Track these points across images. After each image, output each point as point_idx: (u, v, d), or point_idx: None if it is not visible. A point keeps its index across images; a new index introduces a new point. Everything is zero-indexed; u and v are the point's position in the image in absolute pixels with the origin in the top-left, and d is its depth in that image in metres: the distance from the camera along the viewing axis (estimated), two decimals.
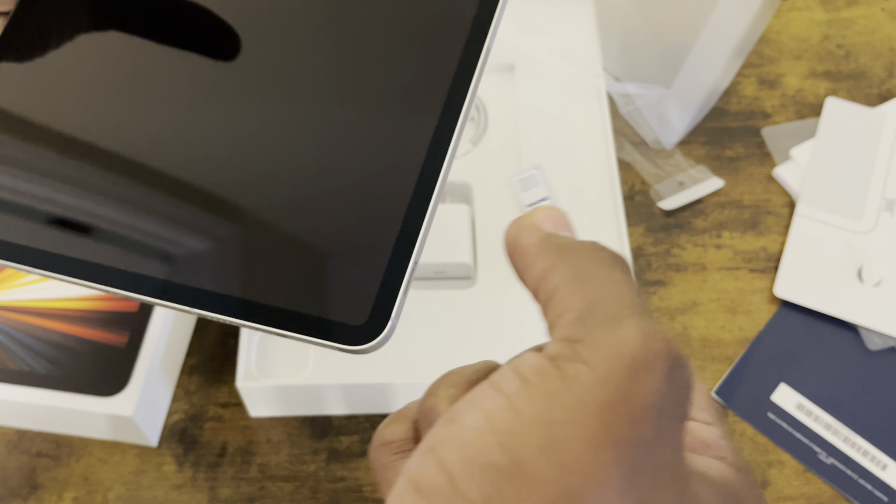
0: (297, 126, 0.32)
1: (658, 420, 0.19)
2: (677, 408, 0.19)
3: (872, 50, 0.63)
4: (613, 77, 0.58)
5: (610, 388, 0.19)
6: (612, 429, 0.18)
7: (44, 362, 0.45)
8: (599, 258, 0.23)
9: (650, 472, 0.19)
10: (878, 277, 0.52)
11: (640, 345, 0.19)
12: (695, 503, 0.20)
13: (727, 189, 0.57)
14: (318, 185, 0.31)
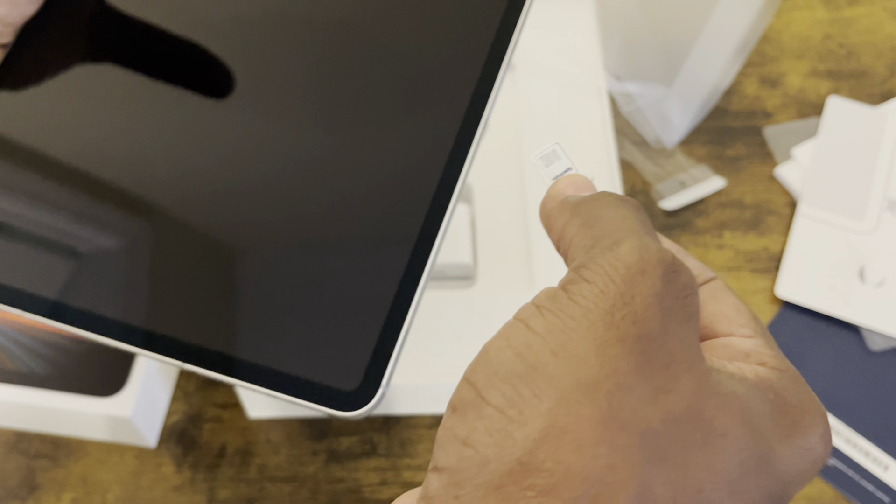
0: (296, 185, 0.32)
1: (661, 317, 0.21)
2: (679, 307, 0.21)
3: (874, 49, 0.63)
4: (614, 76, 0.58)
5: (610, 294, 0.21)
6: (616, 326, 0.20)
7: (42, 363, 0.45)
8: (607, 202, 0.25)
9: (662, 362, 0.20)
10: (880, 277, 0.52)
11: (635, 255, 0.21)
12: (717, 390, 0.21)
13: (728, 189, 0.57)
14: (314, 248, 0.31)
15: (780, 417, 0.22)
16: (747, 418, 0.21)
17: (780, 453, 0.22)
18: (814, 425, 0.23)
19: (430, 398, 0.47)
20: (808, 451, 0.23)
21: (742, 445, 0.21)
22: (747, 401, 0.21)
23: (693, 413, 0.20)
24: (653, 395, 0.20)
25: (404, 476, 0.47)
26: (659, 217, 0.55)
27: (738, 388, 0.22)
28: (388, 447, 0.48)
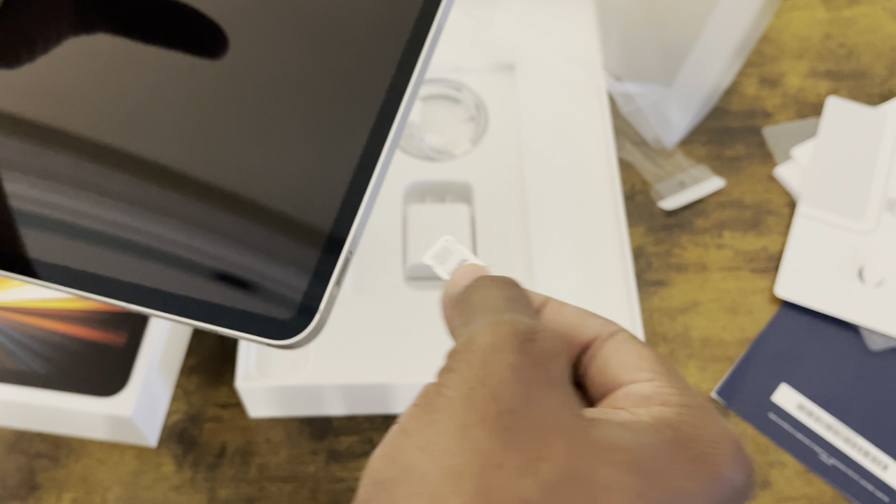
0: (237, 125, 0.32)
1: (522, 388, 0.21)
2: (541, 373, 0.22)
3: (874, 49, 0.63)
4: (614, 76, 0.58)
5: (467, 378, 0.21)
6: (476, 408, 0.21)
7: (43, 362, 0.45)
8: (478, 287, 0.26)
9: (529, 431, 0.20)
10: (880, 277, 0.52)
11: (487, 335, 0.22)
12: (598, 445, 0.21)
13: (728, 189, 0.57)
14: (252, 182, 0.31)
15: (682, 452, 0.22)
16: (638, 464, 0.21)
17: (689, 489, 0.21)
18: (721, 454, 0.22)
19: None
20: (722, 480, 0.22)
21: (635, 493, 0.20)
22: (638, 446, 0.21)
23: (571, 475, 0.20)
24: (524, 467, 0.20)
25: None
26: (659, 217, 0.56)
27: (626, 436, 0.21)
28: None
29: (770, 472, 0.47)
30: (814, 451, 0.48)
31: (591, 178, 0.52)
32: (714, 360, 0.51)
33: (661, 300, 0.53)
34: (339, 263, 0.28)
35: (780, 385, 0.50)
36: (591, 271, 0.49)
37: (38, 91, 0.33)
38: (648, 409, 0.23)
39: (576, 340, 0.26)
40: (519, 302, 0.24)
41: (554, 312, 0.26)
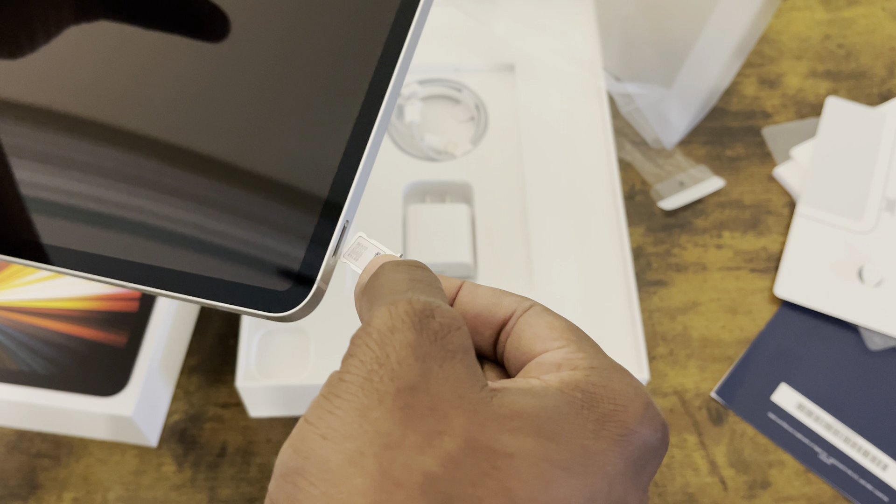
0: (234, 102, 0.32)
1: (420, 365, 0.21)
2: (439, 348, 0.22)
3: (873, 49, 0.63)
4: (614, 77, 0.58)
5: (367, 361, 0.22)
6: (375, 389, 0.21)
7: (43, 362, 0.45)
8: (383, 272, 0.26)
9: (428, 406, 0.21)
10: (879, 277, 0.52)
11: (384, 315, 0.22)
12: (498, 413, 0.21)
13: (728, 189, 0.57)
14: (248, 156, 0.31)
15: (589, 413, 0.22)
16: (541, 428, 0.21)
17: (597, 447, 0.22)
18: (631, 411, 0.23)
19: None
20: (630, 435, 0.22)
21: (538, 456, 0.21)
22: (541, 411, 0.22)
23: (473, 445, 0.20)
24: (425, 443, 0.20)
25: None
26: (658, 217, 0.56)
27: (530, 402, 0.22)
28: None
29: (770, 472, 0.47)
30: (813, 451, 0.48)
31: (591, 178, 0.52)
32: (714, 359, 0.51)
33: (661, 300, 0.53)
34: (335, 233, 0.28)
35: (780, 385, 0.50)
36: (590, 271, 0.49)
37: (40, 77, 0.33)
38: (558, 374, 0.23)
39: (492, 319, 0.26)
40: (422, 282, 0.25)
41: (469, 294, 0.26)
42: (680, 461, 0.48)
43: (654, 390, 0.50)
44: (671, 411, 0.49)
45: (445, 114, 0.56)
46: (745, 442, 0.48)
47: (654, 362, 0.50)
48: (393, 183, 0.52)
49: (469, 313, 0.26)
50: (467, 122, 0.56)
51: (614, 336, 0.47)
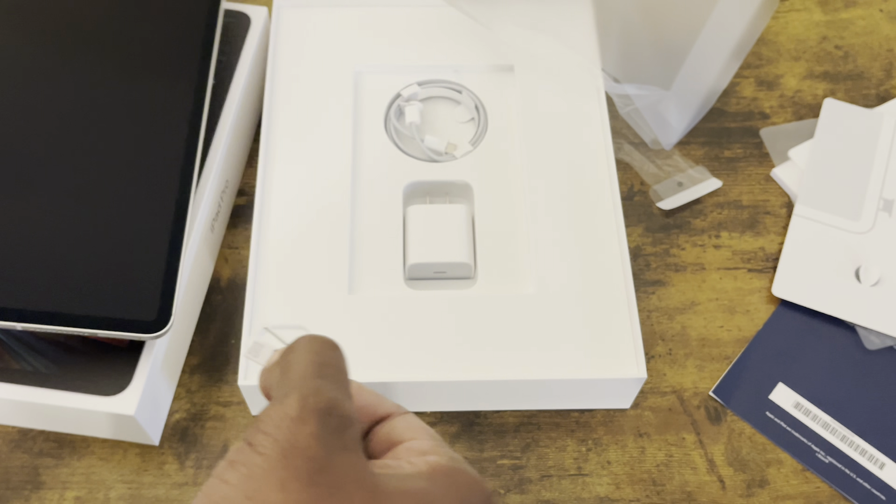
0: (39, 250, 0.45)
1: (324, 452, 0.26)
2: (338, 440, 0.26)
3: (871, 51, 0.63)
4: (612, 78, 0.58)
5: (281, 441, 0.26)
6: (291, 466, 0.25)
7: (46, 362, 0.46)
8: (297, 347, 0.30)
9: (334, 485, 0.25)
10: (876, 277, 0.53)
11: (296, 408, 0.27)
12: (391, 491, 0.26)
13: (726, 189, 0.57)
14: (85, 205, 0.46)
15: (455, 493, 0.28)
16: (425, 502, 0.27)
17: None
18: (478, 495, 0.29)
19: (430, 396, 0.47)
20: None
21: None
22: (421, 491, 0.27)
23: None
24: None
25: None
26: (657, 217, 0.56)
27: (412, 482, 0.27)
28: None
29: (767, 471, 0.48)
30: (811, 450, 0.48)
31: (590, 178, 0.52)
32: (712, 359, 0.51)
33: (659, 300, 0.53)
34: (178, 277, 0.45)
35: (778, 384, 0.50)
36: (589, 271, 0.49)
37: None
38: (425, 459, 0.29)
39: (373, 413, 0.32)
40: (329, 367, 0.29)
41: (357, 389, 0.32)
42: (678, 460, 0.48)
43: (653, 390, 0.50)
44: (669, 410, 0.49)
45: (445, 115, 0.56)
46: (742, 441, 0.49)
47: (652, 362, 0.51)
48: (393, 183, 0.52)
49: (355, 404, 0.31)
50: (467, 122, 0.56)
51: (613, 336, 0.47)
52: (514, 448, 0.48)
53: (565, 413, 0.49)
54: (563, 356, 0.46)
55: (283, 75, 0.56)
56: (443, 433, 0.48)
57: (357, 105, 0.55)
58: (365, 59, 0.57)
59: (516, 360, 0.46)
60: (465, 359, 0.46)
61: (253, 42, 0.56)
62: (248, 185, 0.57)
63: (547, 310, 0.47)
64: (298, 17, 0.58)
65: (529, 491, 0.47)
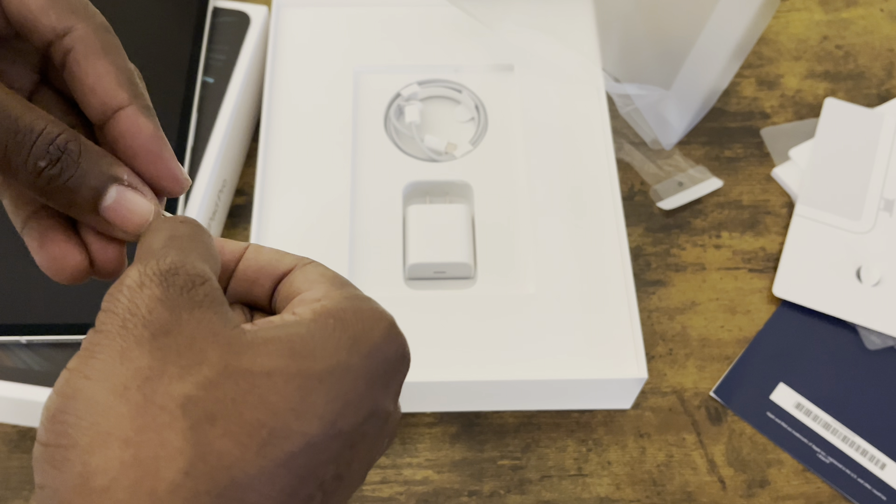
0: None
1: (169, 313, 0.24)
2: (187, 300, 0.24)
3: (871, 50, 0.63)
4: (613, 78, 0.58)
5: (119, 312, 0.24)
6: (131, 334, 0.23)
7: (42, 360, 0.45)
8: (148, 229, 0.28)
9: (183, 345, 0.23)
10: (877, 277, 0.52)
11: (134, 276, 0.24)
12: (252, 342, 0.24)
13: (726, 189, 0.57)
14: None
15: (342, 334, 0.25)
16: (295, 349, 0.24)
17: (348, 362, 0.25)
18: (377, 331, 0.26)
19: (431, 397, 0.47)
20: (377, 352, 0.26)
21: (294, 372, 0.24)
22: (295, 336, 0.24)
23: (230, 369, 0.23)
24: (184, 372, 0.23)
25: (404, 475, 0.47)
26: (657, 217, 0.56)
27: (283, 331, 0.25)
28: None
29: (768, 471, 0.48)
30: (812, 450, 0.48)
31: (590, 178, 0.52)
32: (712, 359, 0.51)
33: (660, 300, 0.53)
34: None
35: (779, 384, 0.50)
36: (589, 271, 0.49)
37: None
38: (311, 306, 0.26)
39: (273, 272, 0.29)
40: (181, 238, 0.27)
41: (254, 252, 0.29)
42: (679, 460, 0.48)
43: (653, 390, 0.50)
44: (670, 410, 0.49)
45: (445, 114, 0.56)
46: (743, 441, 0.48)
47: (652, 362, 0.51)
48: (393, 183, 0.52)
49: (252, 268, 0.29)
50: (467, 122, 0.56)
51: (613, 336, 0.47)
52: (515, 448, 0.48)
53: (565, 413, 0.49)
54: (563, 356, 0.46)
55: (282, 74, 0.55)
56: (443, 433, 0.48)
57: (357, 104, 0.55)
58: (365, 58, 0.56)
59: (516, 360, 0.46)
60: (465, 359, 0.46)
61: (252, 41, 0.56)
62: (246, 185, 0.57)
63: (547, 310, 0.47)
64: (299, 16, 0.58)
65: (530, 491, 0.47)
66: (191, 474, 0.22)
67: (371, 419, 0.25)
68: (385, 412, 0.26)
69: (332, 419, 0.24)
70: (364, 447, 0.25)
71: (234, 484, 0.22)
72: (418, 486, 0.47)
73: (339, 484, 0.25)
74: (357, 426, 0.25)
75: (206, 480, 0.22)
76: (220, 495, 0.22)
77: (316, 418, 0.23)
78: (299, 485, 0.23)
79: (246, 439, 0.22)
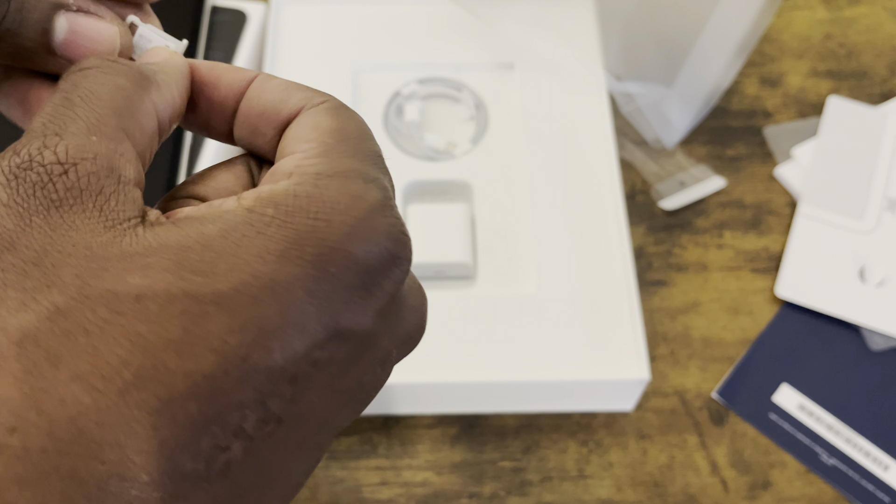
0: None
1: (16, 220, 0.19)
2: (42, 198, 0.19)
3: (874, 49, 0.63)
4: (614, 76, 0.58)
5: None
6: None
7: None
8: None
9: (30, 262, 0.18)
10: (881, 277, 0.52)
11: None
12: (129, 254, 0.19)
13: (729, 188, 0.57)
14: None
15: (276, 231, 0.19)
16: (186, 261, 0.19)
17: (270, 273, 0.19)
18: (335, 225, 0.20)
19: (430, 398, 0.46)
20: (330, 254, 0.20)
21: (176, 293, 0.18)
22: (192, 240, 0.19)
23: (87, 292, 0.18)
24: (25, 299, 0.18)
25: (404, 476, 0.47)
26: (659, 217, 0.55)
27: (183, 231, 0.19)
28: (388, 447, 0.47)
29: (771, 473, 0.47)
30: (814, 452, 0.48)
31: (592, 177, 0.52)
32: (715, 360, 0.51)
33: (662, 300, 0.52)
34: None
35: (781, 385, 0.50)
36: (591, 271, 0.48)
37: None
38: (262, 191, 0.20)
39: (277, 118, 0.23)
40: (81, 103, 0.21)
41: (257, 89, 0.23)
42: (681, 462, 0.47)
43: (655, 391, 0.49)
44: (672, 412, 0.49)
45: (445, 113, 0.56)
46: (746, 442, 0.48)
47: (654, 362, 0.50)
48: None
49: (253, 111, 0.23)
50: (467, 121, 0.55)
51: (615, 336, 0.46)
52: (515, 450, 0.48)
53: (566, 415, 0.49)
54: (564, 357, 0.46)
55: (280, 73, 0.55)
56: (443, 435, 0.48)
57: (356, 103, 0.55)
58: (364, 56, 0.56)
59: (517, 360, 0.45)
60: (465, 359, 0.46)
61: (249, 39, 0.56)
62: None
63: (548, 310, 0.47)
64: (297, 13, 0.58)
65: (530, 493, 0.46)
66: (19, 430, 0.17)
67: (331, 343, 0.20)
68: (360, 331, 0.20)
69: (239, 352, 0.18)
70: (323, 377, 0.20)
71: (83, 438, 0.17)
72: (418, 487, 0.47)
73: (276, 427, 0.19)
74: (299, 355, 0.19)
75: (38, 436, 0.17)
76: (61, 453, 0.17)
77: (209, 352, 0.18)
78: (191, 436, 0.18)
79: (101, 383, 0.17)
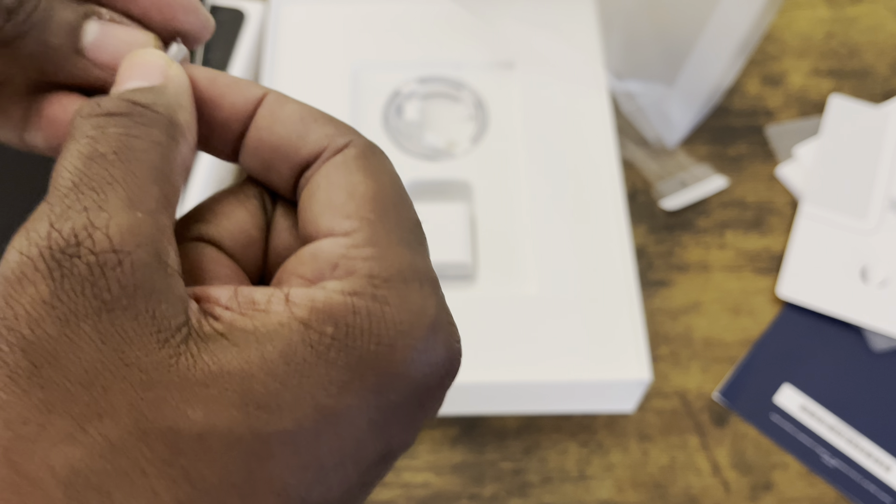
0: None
1: (62, 326, 0.16)
2: (89, 299, 0.16)
3: (877, 48, 0.63)
4: (615, 75, 0.57)
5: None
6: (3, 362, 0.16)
7: None
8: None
9: (77, 384, 0.16)
10: (883, 277, 0.52)
11: (15, 259, 0.16)
12: (187, 382, 0.16)
13: (730, 188, 0.57)
14: None
15: (340, 357, 0.17)
16: (252, 393, 0.16)
17: (337, 407, 0.17)
18: (399, 351, 0.18)
19: None
20: (394, 382, 0.17)
21: (242, 433, 0.16)
22: (256, 368, 0.16)
23: (143, 426, 0.16)
24: (75, 428, 0.15)
25: (404, 476, 0.47)
26: (660, 216, 0.55)
27: (244, 354, 0.16)
28: None
29: (772, 474, 0.47)
30: (816, 453, 0.48)
31: (593, 177, 0.52)
32: (716, 360, 0.50)
33: (663, 300, 0.52)
34: None
35: (783, 386, 0.50)
36: (592, 271, 0.48)
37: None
38: (313, 293, 0.17)
39: (295, 157, 0.20)
40: (115, 156, 0.17)
41: (269, 117, 0.20)
42: (682, 463, 0.47)
43: (656, 391, 0.49)
44: (673, 412, 0.49)
45: (445, 112, 0.56)
46: (747, 443, 0.48)
47: (655, 363, 0.50)
48: None
49: (265, 144, 0.20)
50: (467, 120, 0.55)
51: (616, 337, 0.46)
52: (516, 451, 0.47)
53: (567, 415, 0.48)
54: (564, 357, 0.45)
55: (279, 72, 0.55)
56: (443, 436, 0.48)
57: (355, 102, 0.54)
58: (363, 55, 0.56)
59: (517, 361, 0.45)
60: (465, 360, 0.45)
61: (247, 38, 0.56)
62: None
63: (548, 310, 0.47)
64: (296, 12, 0.57)
65: (531, 494, 0.46)
66: None
67: (380, 464, 0.18)
68: (403, 448, 0.19)
69: (299, 492, 0.16)
70: (366, 493, 0.18)
71: None
72: (418, 489, 0.47)
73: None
74: (353, 484, 0.17)
75: None
76: None
77: (272, 495, 0.16)
78: None
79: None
